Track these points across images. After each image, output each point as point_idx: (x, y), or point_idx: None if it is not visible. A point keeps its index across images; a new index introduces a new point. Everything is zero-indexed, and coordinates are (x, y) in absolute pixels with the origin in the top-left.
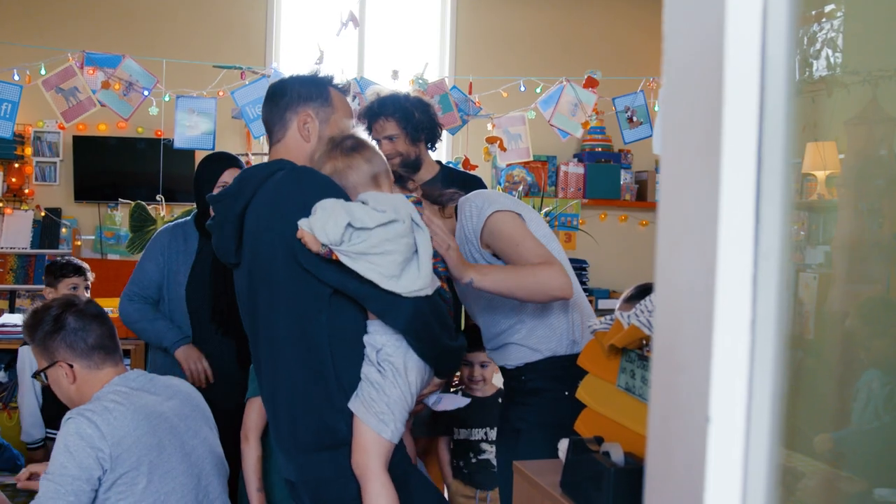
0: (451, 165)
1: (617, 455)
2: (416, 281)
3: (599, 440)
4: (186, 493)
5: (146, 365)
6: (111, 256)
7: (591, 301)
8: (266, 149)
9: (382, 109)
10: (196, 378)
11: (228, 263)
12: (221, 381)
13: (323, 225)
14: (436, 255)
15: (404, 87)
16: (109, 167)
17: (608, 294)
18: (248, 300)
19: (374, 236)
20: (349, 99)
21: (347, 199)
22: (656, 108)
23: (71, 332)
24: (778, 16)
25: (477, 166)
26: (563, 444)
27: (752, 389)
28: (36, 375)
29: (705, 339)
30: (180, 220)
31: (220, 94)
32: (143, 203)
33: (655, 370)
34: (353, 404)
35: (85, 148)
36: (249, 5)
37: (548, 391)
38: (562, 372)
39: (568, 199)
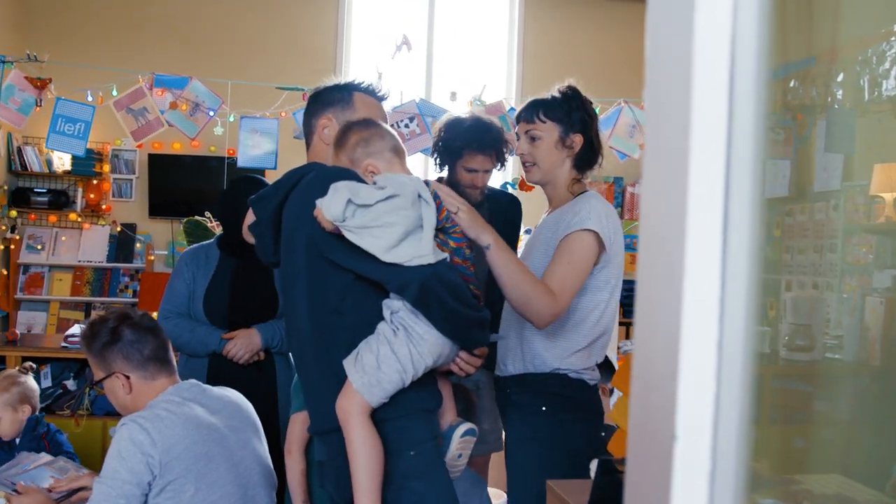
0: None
1: None
2: (417, 248)
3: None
4: (233, 502)
5: None
6: None
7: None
8: None
9: (494, 144)
10: (249, 357)
11: (269, 263)
12: (240, 391)
13: (329, 203)
14: (464, 257)
15: (463, 108)
16: (182, 184)
17: None
18: (285, 297)
19: (374, 210)
20: (385, 105)
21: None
22: None
23: (127, 344)
24: (747, 41)
25: (533, 187)
26: (594, 465)
27: (720, 408)
28: (93, 385)
29: (673, 358)
30: (204, 243)
31: (283, 114)
32: (198, 218)
33: (634, 388)
34: (347, 361)
35: (159, 165)
36: (319, 28)
37: (527, 405)
38: (542, 388)
39: (634, 220)
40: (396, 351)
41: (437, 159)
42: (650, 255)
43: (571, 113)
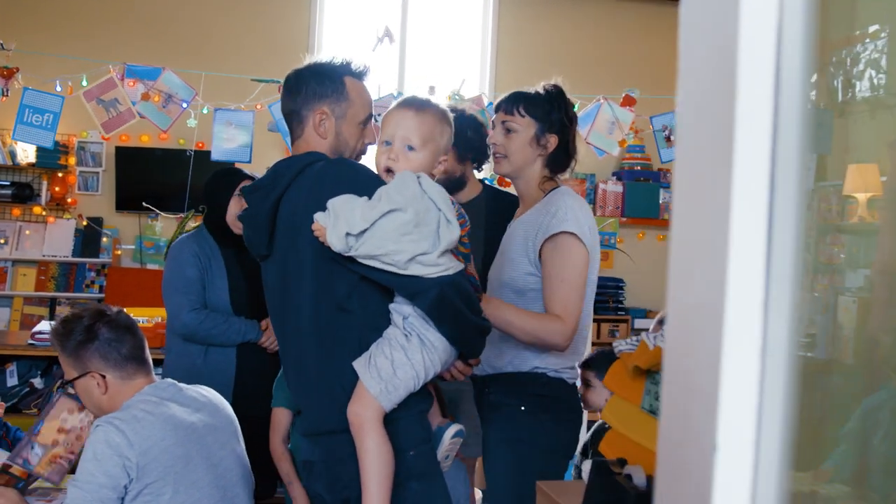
0: (491, 184)
1: (639, 478)
2: (433, 263)
3: (622, 462)
4: (213, 503)
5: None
6: (150, 266)
7: (626, 320)
8: None
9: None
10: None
11: (258, 255)
12: (258, 387)
13: (330, 237)
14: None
15: (441, 102)
16: (151, 178)
17: (645, 314)
18: (280, 292)
19: (374, 235)
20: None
21: (378, 187)
22: None
23: (104, 343)
24: (793, 35)
25: (510, 184)
26: (587, 466)
27: (762, 418)
28: (64, 385)
29: (714, 366)
30: (193, 231)
31: (258, 107)
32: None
33: (666, 394)
34: (360, 365)
35: (127, 158)
36: (292, 20)
37: (506, 406)
38: (520, 387)
39: (606, 217)
40: (411, 357)
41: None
42: (685, 256)
43: (552, 113)
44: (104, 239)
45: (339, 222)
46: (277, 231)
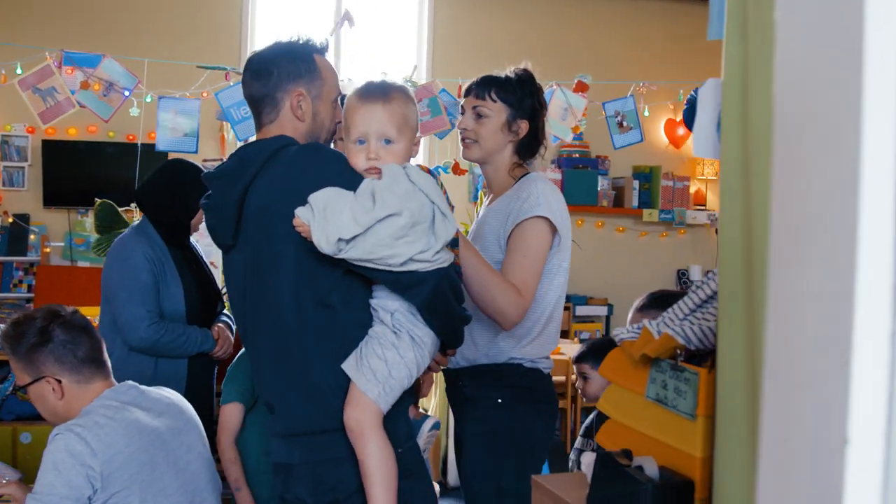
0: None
1: (651, 469)
2: (429, 258)
3: (628, 453)
4: None
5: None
6: (81, 263)
7: (567, 308)
8: None
9: None
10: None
11: (222, 246)
12: (210, 396)
13: (316, 238)
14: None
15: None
16: (80, 172)
17: (586, 301)
18: (250, 285)
19: (367, 241)
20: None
21: (359, 178)
22: (646, 114)
23: (59, 346)
24: None
25: (466, 171)
26: (588, 458)
27: (893, 407)
28: (18, 391)
29: (841, 353)
30: (137, 229)
31: (204, 95)
32: (112, 203)
33: (768, 389)
34: (351, 367)
35: (54, 152)
36: (225, 5)
37: (483, 399)
38: (497, 379)
39: None
40: (404, 355)
41: None
42: (791, 239)
43: (524, 98)
44: (31, 236)
45: (328, 225)
46: (245, 220)
